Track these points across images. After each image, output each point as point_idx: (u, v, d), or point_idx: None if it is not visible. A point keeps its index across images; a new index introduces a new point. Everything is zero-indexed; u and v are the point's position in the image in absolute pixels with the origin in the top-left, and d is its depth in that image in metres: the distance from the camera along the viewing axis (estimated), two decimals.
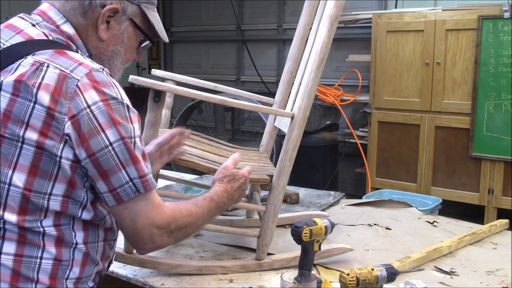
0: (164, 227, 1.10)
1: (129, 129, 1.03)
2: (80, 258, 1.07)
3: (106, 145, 1.00)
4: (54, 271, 1.03)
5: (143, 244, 1.10)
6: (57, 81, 0.98)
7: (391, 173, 4.00)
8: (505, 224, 2.05)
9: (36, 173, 0.99)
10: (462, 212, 3.86)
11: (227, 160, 1.42)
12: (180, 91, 1.45)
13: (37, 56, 1.01)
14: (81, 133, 0.98)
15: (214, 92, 1.92)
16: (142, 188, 1.05)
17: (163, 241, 1.12)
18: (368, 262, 1.64)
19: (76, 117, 0.98)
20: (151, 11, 1.21)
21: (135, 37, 1.19)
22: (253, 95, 2.01)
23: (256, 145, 2.07)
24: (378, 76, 3.96)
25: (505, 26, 3.37)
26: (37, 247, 1.01)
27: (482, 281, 1.55)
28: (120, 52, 1.17)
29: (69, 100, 0.98)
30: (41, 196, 1.00)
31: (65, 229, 1.04)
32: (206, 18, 6.08)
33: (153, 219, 1.08)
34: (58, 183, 1.01)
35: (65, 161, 1.00)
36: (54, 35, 1.08)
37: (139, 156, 1.05)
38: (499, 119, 3.48)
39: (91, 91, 0.99)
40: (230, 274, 1.57)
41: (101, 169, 1.01)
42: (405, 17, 3.83)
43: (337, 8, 1.52)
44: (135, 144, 1.05)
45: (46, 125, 0.97)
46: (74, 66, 1.00)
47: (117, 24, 1.14)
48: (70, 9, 1.10)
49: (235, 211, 2.16)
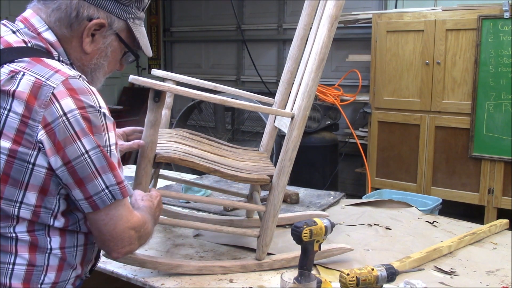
0: (137, 230, 1.12)
1: (105, 137, 1.03)
2: (56, 263, 1.07)
3: (82, 153, 1.00)
4: (28, 277, 1.03)
5: (121, 247, 1.10)
6: (31, 88, 0.97)
7: (391, 173, 4.00)
8: (505, 224, 2.05)
9: (7, 181, 0.99)
10: (462, 212, 3.86)
11: (227, 160, 1.42)
12: (180, 91, 1.45)
13: (14, 64, 1.00)
14: (56, 141, 0.98)
15: (214, 92, 1.92)
16: (120, 194, 1.06)
17: (135, 244, 1.13)
18: (368, 262, 1.64)
19: (51, 125, 0.97)
20: (137, 26, 1.20)
21: (119, 51, 1.20)
22: (253, 95, 2.01)
23: (256, 145, 2.07)
24: (378, 76, 3.96)
25: (505, 26, 3.37)
26: (9, 253, 1.01)
27: (482, 281, 1.55)
28: (103, 65, 1.17)
29: (43, 108, 0.97)
30: (11, 204, 1.00)
31: (40, 235, 1.04)
32: (206, 18, 6.08)
33: (131, 222, 1.10)
34: (29, 192, 1.01)
35: (39, 169, 1.00)
36: (34, 42, 1.07)
37: (115, 163, 1.05)
38: (499, 119, 3.48)
39: (67, 99, 0.98)
40: (230, 274, 1.57)
41: (77, 177, 1.01)
42: (405, 17, 3.83)
43: (337, 8, 1.52)
44: (111, 152, 1.05)
45: (19, 132, 0.97)
46: (50, 73, 1.00)
47: (102, 38, 1.14)
48: (55, 20, 1.09)
49: (235, 211, 2.17)
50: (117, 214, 1.07)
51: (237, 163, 1.68)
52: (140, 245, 1.17)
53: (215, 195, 2.34)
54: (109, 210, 1.06)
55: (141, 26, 1.22)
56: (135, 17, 1.19)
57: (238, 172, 1.56)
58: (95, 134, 1.01)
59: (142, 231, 1.14)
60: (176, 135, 1.76)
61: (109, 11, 1.12)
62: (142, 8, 1.21)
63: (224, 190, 2.01)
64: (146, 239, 1.19)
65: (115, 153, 1.06)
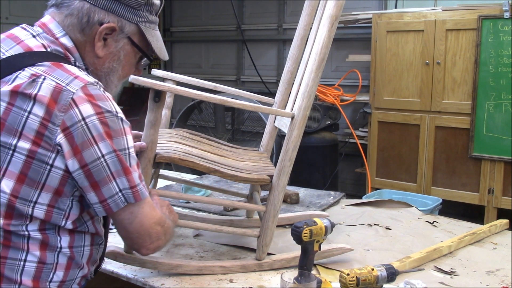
0: (162, 225, 1.18)
1: (123, 141, 1.07)
2: (65, 262, 1.09)
3: (98, 156, 1.03)
4: (37, 274, 1.05)
5: (150, 243, 1.16)
6: (52, 93, 1.00)
7: (391, 173, 4.00)
8: (505, 224, 2.05)
9: (24, 181, 1.01)
10: (462, 212, 3.86)
11: (227, 160, 1.42)
12: (180, 91, 1.45)
13: (35, 68, 1.03)
14: (74, 144, 1.01)
15: (214, 92, 1.92)
16: (133, 198, 1.09)
17: (162, 239, 1.18)
18: (368, 262, 1.64)
19: (69, 129, 1.00)
20: (150, 29, 1.22)
21: (133, 55, 1.22)
22: (253, 95, 2.01)
23: (256, 145, 2.06)
24: (378, 76, 3.96)
25: (505, 26, 3.37)
26: (21, 250, 1.03)
27: (482, 281, 1.55)
28: (116, 69, 1.19)
29: (63, 112, 1.00)
30: (26, 204, 1.02)
31: (50, 234, 1.06)
32: (206, 18, 6.08)
33: (155, 217, 1.15)
34: (44, 192, 1.03)
35: (57, 170, 1.02)
36: (53, 47, 1.10)
37: (130, 168, 1.07)
38: (499, 119, 3.48)
39: (86, 104, 1.02)
40: (230, 274, 1.57)
41: (93, 180, 1.04)
42: (405, 17, 3.83)
43: (337, 8, 1.52)
44: (130, 154, 1.08)
45: (39, 134, 1.00)
46: (70, 79, 1.02)
47: (114, 42, 1.16)
48: (69, 24, 1.12)
49: (235, 211, 2.17)
50: (142, 212, 1.12)
51: (237, 163, 1.68)
52: (167, 241, 1.22)
53: (215, 195, 2.34)
54: (133, 209, 1.10)
55: (155, 30, 1.24)
56: (147, 20, 1.20)
57: (238, 172, 1.56)
58: (113, 138, 1.05)
59: (165, 226, 1.19)
60: (176, 135, 1.76)
61: (120, 15, 1.14)
62: (154, 11, 1.22)
63: (224, 190, 2.01)
64: (170, 236, 1.24)
65: (134, 155, 1.10)
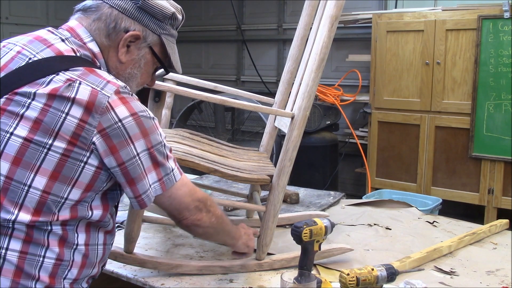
0: (203, 201, 1.24)
1: (157, 135, 1.13)
2: (80, 260, 1.12)
3: (134, 155, 1.09)
4: (55, 270, 1.08)
5: (189, 215, 1.22)
6: (89, 96, 1.05)
7: (391, 173, 4.00)
8: (505, 224, 2.05)
9: (57, 178, 1.05)
10: (462, 212, 3.86)
11: (227, 160, 1.42)
12: (180, 91, 1.45)
13: (69, 73, 1.07)
14: (112, 144, 1.07)
15: (214, 92, 1.92)
16: (160, 189, 1.15)
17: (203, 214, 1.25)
18: (368, 262, 1.64)
19: (106, 130, 1.06)
20: (170, 43, 1.27)
21: (151, 64, 1.26)
22: (253, 95, 2.01)
23: (256, 145, 2.07)
24: (378, 76, 3.96)
25: (505, 26, 3.37)
26: (42, 246, 1.06)
27: (482, 281, 1.55)
28: (136, 75, 1.24)
29: (100, 114, 1.05)
30: (57, 200, 1.06)
31: (70, 230, 1.10)
32: (206, 18, 6.07)
33: (195, 195, 1.23)
34: (76, 188, 1.07)
35: (89, 167, 1.07)
36: (82, 51, 1.15)
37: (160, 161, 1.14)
38: (499, 119, 3.47)
39: (122, 107, 1.08)
40: (230, 274, 1.57)
41: (129, 177, 1.11)
42: (405, 17, 3.82)
43: (337, 8, 1.52)
44: (165, 145, 1.16)
45: (75, 135, 1.04)
46: (103, 83, 1.08)
47: (136, 50, 1.21)
48: (96, 28, 1.17)
49: (235, 211, 2.17)
50: (179, 194, 1.19)
51: (237, 163, 1.68)
52: (209, 220, 1.27)
53: (215, 195, 2.34)
54: (170, 193, 1.17)
55: (174, 43, 1.30)
56: (169, 33, 1.26)
57: (238, 172, 1.56)
58: (148, 135, 1.11)
59: (208, 204, 1.26)
60: (176, 135, 1.76)
61: (145, 25, 1.20)
62: (176, 26, 1.28)
63: (224, 190, 2.01)
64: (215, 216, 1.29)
65: (167, 144, 1.18)
